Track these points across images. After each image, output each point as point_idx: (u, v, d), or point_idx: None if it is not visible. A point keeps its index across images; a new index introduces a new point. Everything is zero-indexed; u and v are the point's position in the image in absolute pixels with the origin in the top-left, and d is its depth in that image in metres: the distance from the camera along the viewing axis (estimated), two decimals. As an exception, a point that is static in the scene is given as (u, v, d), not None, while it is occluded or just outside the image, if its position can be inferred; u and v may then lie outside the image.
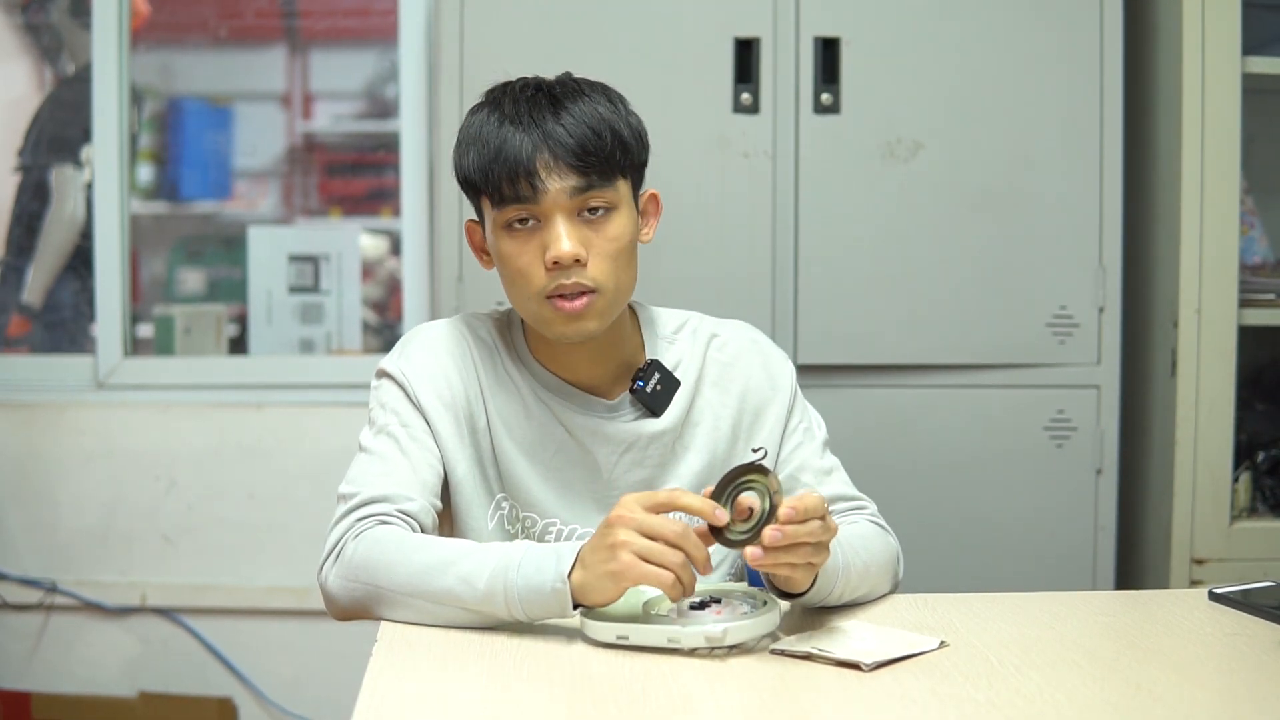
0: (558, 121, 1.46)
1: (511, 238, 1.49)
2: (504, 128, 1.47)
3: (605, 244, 1.48)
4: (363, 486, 1.48)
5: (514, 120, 1.47)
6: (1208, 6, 2.29)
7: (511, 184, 1.46)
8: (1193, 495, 2.34)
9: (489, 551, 1.36)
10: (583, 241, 1.47)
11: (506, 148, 1.46)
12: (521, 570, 1.32)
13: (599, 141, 1.47)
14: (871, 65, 2.35)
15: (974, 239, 2.38)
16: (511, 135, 1.46)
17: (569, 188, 1.46)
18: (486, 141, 1.48)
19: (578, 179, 1.46)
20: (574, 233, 1.47)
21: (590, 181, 1.47)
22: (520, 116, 1.47)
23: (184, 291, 3.32)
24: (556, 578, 1.30)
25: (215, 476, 2.81)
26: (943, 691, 1.19)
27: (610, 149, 1.48)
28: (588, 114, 1.48)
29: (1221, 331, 2.33)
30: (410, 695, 1.18)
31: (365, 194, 3.53)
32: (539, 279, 1.48)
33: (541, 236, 1.47)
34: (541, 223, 1.47)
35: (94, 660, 2.82)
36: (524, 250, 1.48)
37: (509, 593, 1.32)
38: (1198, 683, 1.24)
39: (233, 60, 3.52)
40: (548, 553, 1.33)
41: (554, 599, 1.31)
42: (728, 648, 1.28)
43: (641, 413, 1.58)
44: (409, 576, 1.37)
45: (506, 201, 1.47)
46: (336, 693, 2.09)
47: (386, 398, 1.56)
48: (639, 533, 1.28)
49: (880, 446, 2.37)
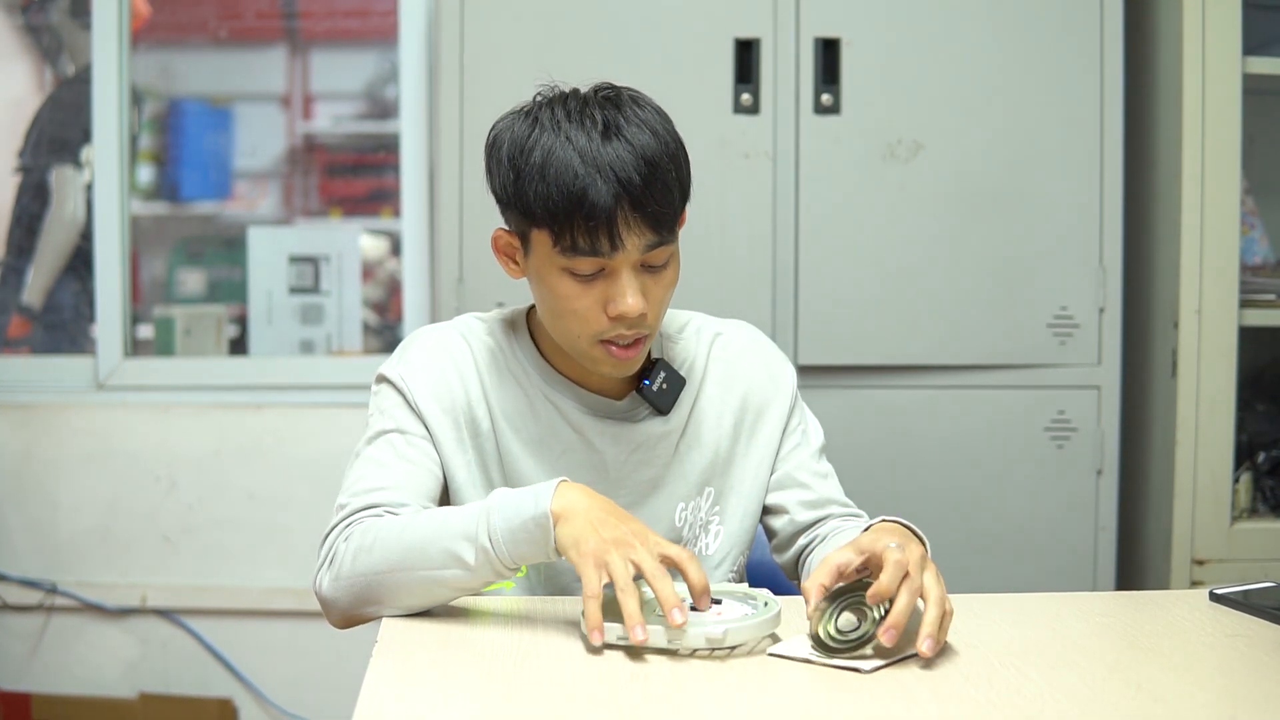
0: (640, 175, 1.40)
1: (570, 280, 1.44)
2: (587, 173, 1.39)
3: (661, 290, 1.47)
4: (356, 495, 1.47)
5: (594, 166, 1.39)
6: (1208, 7, 2.29)
7: (589, 237, 1.40)
8: (1193, 496, 2.34)
9: (473, 505, 1.39)
10: (644, 291, 1.45)
11: (589, 197, 1.39)
12: (503, 511, 1.35)
13: (671, 199, 1.43)
14: (871, 66, 2.35)
15: (974, 239, 2.38)
16: (593, 183, 1.39)
17: (643, 245, 1.42)
18: (564, 183, 1.40)
19: (653, 237, 1.42)
20: (638, 285, 1.44)
21: (662, 238, 1.44)
22: (600, 163, 1.39)
23: (184, 292, 3.32)
24: (539, 513, 1.33)
25: (215, 477, 2.81)
26: (943, 692, 1.19)
27: (678, 196, 1.45)
28: (664, 166, 1.42)
29: (1222, 332, 2.33)
30: (410, 695, 1.18)
31: (365, 195, 3.53)
32: (596, 324, 1.45)
33: (604, 286, 1.44)
34: (606, 273, 1.44)
35: (94, 661, 2.82)
36: (584, 294, 1.44)
37: (494, 531, 1.34)
38: (1198, 683, 1.24)
39: (233, 61, 3.52)
40: (526, 493, 1.36)
41: (537, 529, 1.33)
42: (728, 649, 1.28)
43: (649, 411, 1.58)
44: (398, 548, 1.37)
45: (579, 252, 1.41)
46: (336, 693, 2.09)
47: (385, 403, 1.55)
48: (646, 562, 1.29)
49: (881, 447, 2.37)
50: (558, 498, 1.33)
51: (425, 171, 2.86)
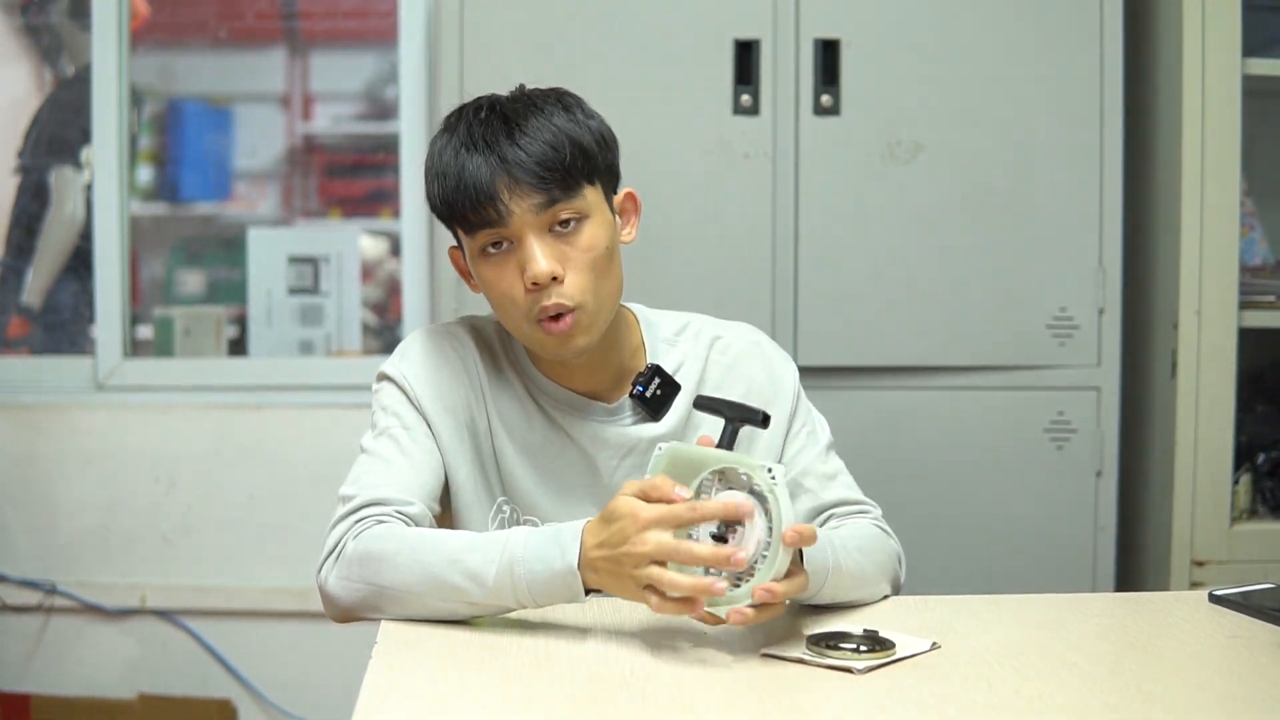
0: (513, 142, 1.45)
1: (489, 263, 1.49)
2: (460, 155, 1.47)
3: (580, 255, 1.48)
4: (363, 488, 1.48)
5: (470, 146, 1.47)
6: (1208, 7, 2.29)
7: (476, 211, 1.45)
8: (1193, 497, 2.34)
9: (492, 543, 1.36)
10: (558, 257, 1.46)
11: (465, 175, 1.46)
12: (527, 564, 1.32)
13: (556, 155, 1.46)
14: (871, 67, 2.35)
15: (974, 240, 2.38)
16: (469, 161, 1.46)
17: (533, 205, 1.45)
18: (447, 172, 1.48)
19: (541, 195, 1.45)
20: (548, 250, 1.46)
21: (554, 196, 1.46)
22: (476, 141, 1.47)
23: (184, 293, 3.32)
24: (566, 570, 1.31)
25: (215, 478, 2.81)
26: (942, 693, 1.19)
27: (570, 159, 1.47)
28: (542, 129, 1.47)
29: (1222, 333, 2.33)
30: (410, 695, 1.18)
31: (365, 195, 3.53)
32: (522, 301, 1.47)
33: (518, 257, 1.47)
34: (515, 244, 1.47)
35: (93, 662, 2.82)
36: (503, 274, 1.48)
37: (518, 586, 1.32)
38: (1198, 685, 1.24)
39: (233, 61, 3.52)
40: (550, 543, 1.33)
41: (563, 588, 1.32)
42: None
43: (642, 416, 1.58)
44: (413, 574, 1.36)
45: (475, 228, 1.47)
46: (336, 693, 2.09)
47: (387, 400, 1.56)
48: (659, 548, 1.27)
49: (880, 448, 2.36)
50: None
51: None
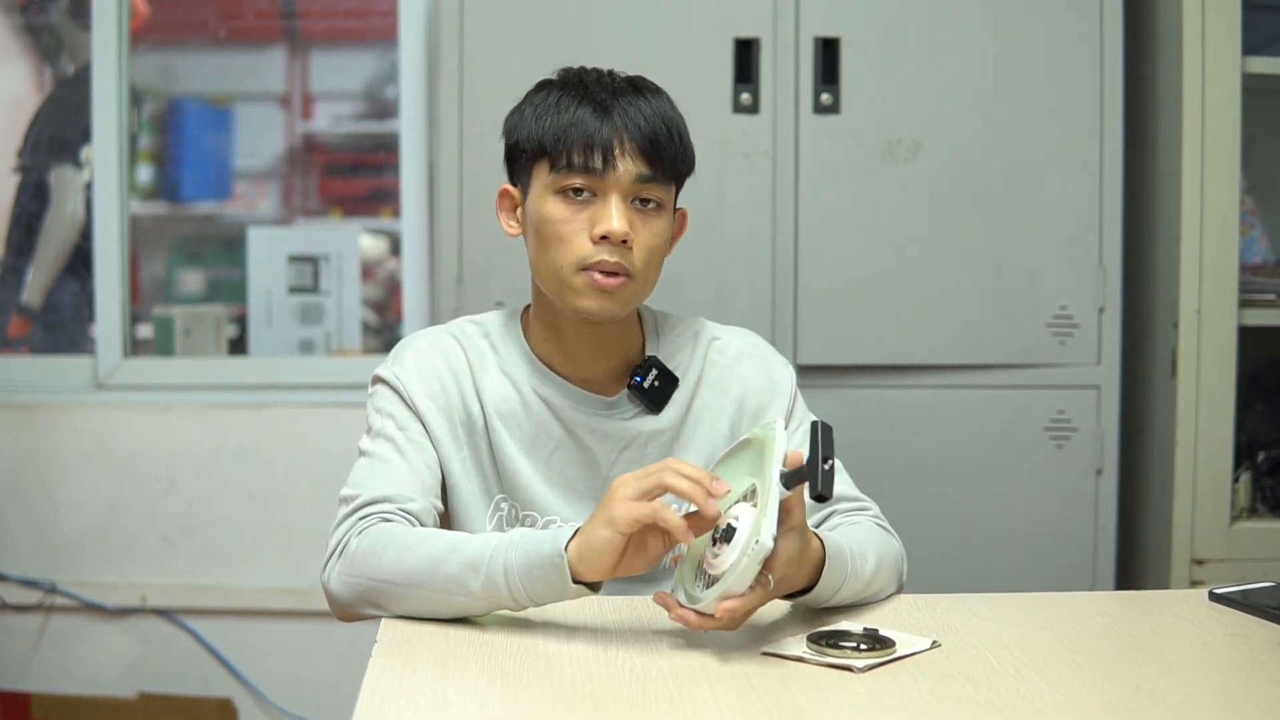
0: (638, 110, 1.51)
1: (562, 202, 1.51)
2: (583, 105, 1.50)
3: (648, 236, 1.52)
4: (364, 489, 1.49)
5: (593, 100, 1.51)
6: (1208, 6, 2.29)
7: (584, 153, 1.48)
8: (1193, 496, 2.34)
9: (491, 536, 1.38)
10: (631, 226, 1.50)
11: (587, 120, 1.49)
12: (520, 546, 1.33)
13: (670, 138, 1.52)
14: (871, 65, 2.35)
15: (974, 239, 2.38)
16: (585, 111, 1.50)
17: (635, 173, 1.49)
18: (563, 111, 1.51)
19: (645, 167, 1.50)
20: (627, 214, 1.50)
21: (655, 174, 1.51)
22: (600, 97, 1.51)
23: (184, 292, 3.32)
24: (554, 551, 1.31)
25: (215, 477, 2.81)
26: (942, 692, 1.19)
27: (678, 149, 1.53)
28: (664, 110, 1.53)
29: (1221, 332, 2.33)
30: (410, 695, 1.18)
31: (365, 194, 3.53)
32: (582, 248, 1.50)
33: (593, 211, 1.50)
34: (598, 198, 1.50)
35: (94, 661, 2.82)
36: (573, 218, 1.50)
37: (509, 571, 1.33)
38: (1198, 683, 1.24)
39: (233, 61, 3.52)
40: (544, 535, 1.34)
41: (553, 571, 1.31)
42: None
43: (640, 410, 1.59)
44: (412, 567, 1.37)
45: (573, 169, 1.49)
46: (336, 693, 2.09)
47: (382, 403, 1.57)
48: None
49: (880, 447, 2.37)
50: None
51: (425, 171, 2.86)
